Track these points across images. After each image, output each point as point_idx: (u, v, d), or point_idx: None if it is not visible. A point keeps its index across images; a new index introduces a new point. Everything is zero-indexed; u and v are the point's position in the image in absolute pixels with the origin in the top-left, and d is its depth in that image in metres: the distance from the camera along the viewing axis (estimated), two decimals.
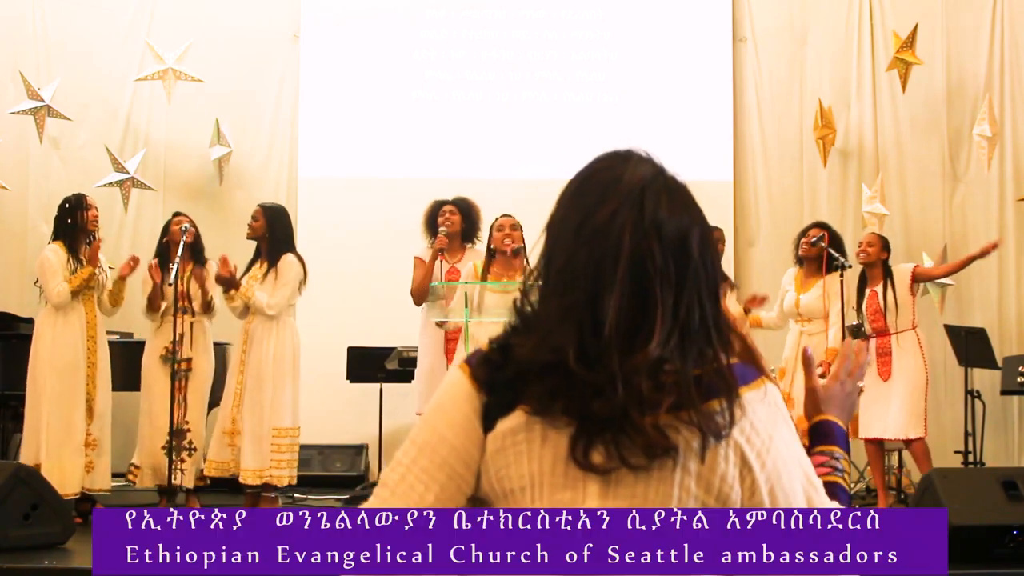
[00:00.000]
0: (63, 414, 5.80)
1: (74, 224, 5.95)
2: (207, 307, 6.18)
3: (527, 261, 5.66)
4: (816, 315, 6.27)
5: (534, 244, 1.42)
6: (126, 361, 6.28)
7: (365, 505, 1.41)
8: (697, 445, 1.30)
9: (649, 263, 1.31)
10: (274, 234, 6.08)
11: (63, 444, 5.77)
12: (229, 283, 5.94)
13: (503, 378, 1.35)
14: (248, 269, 6.14)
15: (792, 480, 1.37)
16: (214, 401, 6.33)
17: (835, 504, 1.44)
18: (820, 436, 1.56)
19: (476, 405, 1.37)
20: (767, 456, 1.35)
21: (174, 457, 5.92)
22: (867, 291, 6.35)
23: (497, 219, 5.92)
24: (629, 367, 1.29)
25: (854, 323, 6.24)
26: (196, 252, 6.20)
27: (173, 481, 5.94)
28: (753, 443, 1.34)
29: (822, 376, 1.70)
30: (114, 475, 6.18)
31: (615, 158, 1.41)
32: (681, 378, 1.30)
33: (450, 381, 1.41)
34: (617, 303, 1.30)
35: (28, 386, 5.86)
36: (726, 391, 1.32)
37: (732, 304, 6.40)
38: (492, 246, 5.86)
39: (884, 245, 6.42)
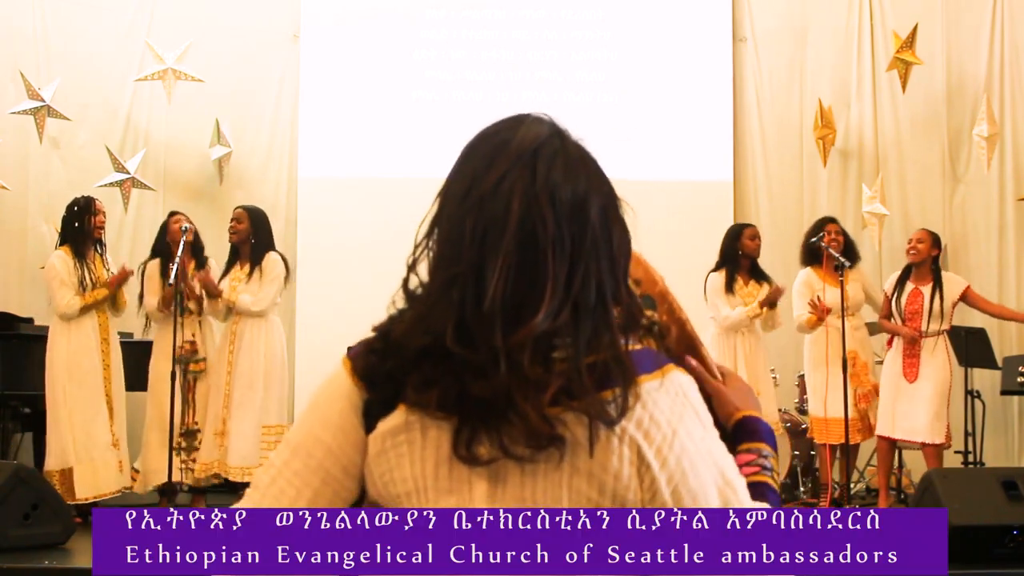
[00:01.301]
0: (87, 418, 5.84)
1: (81, 228, 5.96)
2: (199, 301, 6.20)
3: None
4: (856, 308, 6.27)
5: (424, 215, 1.29)
6: (127, 361, 6.28)
7: (236, 505, 1.34)
8: (585, 438, 1.17)
9: (540, 230, 1.18)
10: (259, 236, 6.16)
11: (92, 447, 5.84)
12: (212, 291, 6.07)
13: (383, 370, 1.24)
14: (226, 271, 6.17)
15: (702, 479, 1.23)
16: None
17: (760, 505, 1.32)
18: (745, 433, 1.40)
19: (356, 402, 1.27)
20: (669, 452, 1.21)
21: (184, 457, 5.97)
22: (908, 285, 6.28)
23: None
24: (513, 343, 1.15)
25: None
26: (196, 251, 6.22)
27: (182, 480, 5.97)
28: (652, 438, 1.20)
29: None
30: None
31: (509, 120, 1.32)
32: (571, 361, 1.16)
33: (330, 376, 1.31)
34: (502, 273, 1.17)
35: (47, 393, 5.89)
36: (622, 379, 1.18)
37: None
38: None
39: (935, 242, 6.33)
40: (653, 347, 1.31)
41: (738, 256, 6.44)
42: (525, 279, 1.18)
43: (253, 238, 6.13)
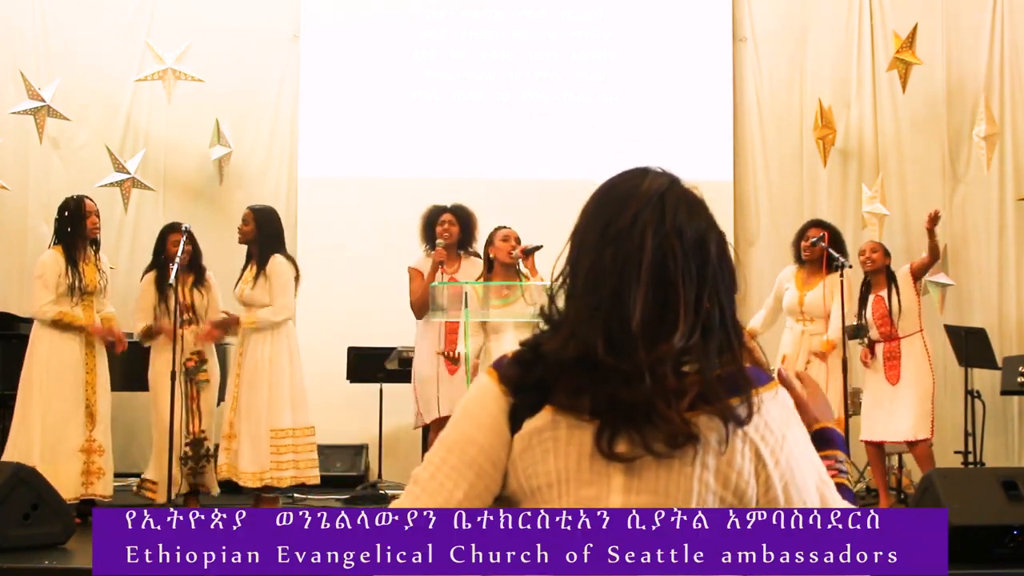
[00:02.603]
0: (58, 418, 5.75)
1: (73, 231, 5.90)
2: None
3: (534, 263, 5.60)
4: (819, 314, 6.25)
5: (559, 253, 1.48)
6: (125, 361, 6.27)
7: (396, 503, 1.46)
8: (716, 439, 1.37)
9: (671, 261, 1.39)
10: (263, 236, 6.06)
11: (58, 448, 5.73)
12: (230, 329, 6.06)
13: (530, 379, 1.41)
14: (242, 272, 6.14)
15: (805, 478, 1.43)
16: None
17: (846, 503, 1.49)
18: (822, 442, 1.60)
19: (503, 406, 1.42)
20: (780, 454, 1.41)
21: (192, 465, 5.96)
22: (871, 297, 6.35)
23: (498, 230, 5.75)
24: (655, 358, 1.35)
25: (855, 323, 6.24)
26: (195, 266, 6.15)
27: (201, 488, 5.97)
28: (767, 441, 1.40)
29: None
30: (116, 475, 6.18)
31: (633, 171, 1.49)
32: (704, 374, 1.37)
33: (478, 385, 1.47)
34: (643, 297, 1.37)
35: (21, 387, 5.80)
36: (744, 389, 1.39)
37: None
38: (492, 256, 5.70)
39: (885, 252, 6.47)
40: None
41: None
42: (660, 303, 1.38)
43: (259, 239, 6.08)
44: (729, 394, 1.37)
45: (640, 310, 1.37)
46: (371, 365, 7.19)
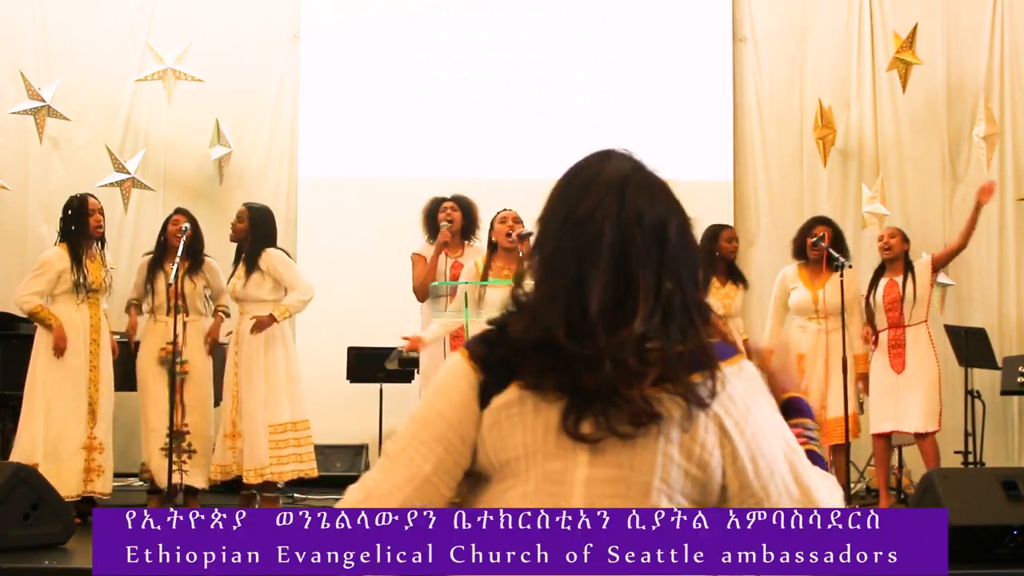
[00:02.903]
0: (62, 416, 5.78)
1: (77, 231, 5.95)
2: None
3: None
4: (835, 312, 6.22)
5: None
6: (122, 361, 6.27)
7: (368, 474, 1.49)
8: (680, 415, 1.39)
9: (631, 247, 1.42)
10: (255, 235, 6.07)
11: (62, 446, 5.76)
12: (268, 324, 5.98)
13: (498, 356, 1.45)
14: (234, 270, 6.16)
15: (772, 447, 1.45)
16: (215, 400, 6.35)
17: (816, 469, 1.51)
18: (791, 411, 1.64)
19: (473, 383, 1.46)
20: (746, 425, 1.43)
21: (175, 459, 5.92)
22: (883, 280, 6.33)
23: (499, 213, 5.86)
24: (615, 343, 1.38)
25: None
26: (194, 252, 6.18)
27: (175, 481, 5.94)
28: (732, 413, 1.43)
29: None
30: (116, 475, 6.18)
31: (597, 156, 1.53)
32: (665, 353, 1.39)
33: (449, 362, 1.51)
34: (602, 284, 1.40)
35: (26, 384, 5.84)
36: (707, 365, 1.42)
37: (738, 302, 6.39)
38: (494, 239, 5.79)
39: (904, 238, 6.45)
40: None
41: (714, 258, 6.44)
42: (620, 289, 1.41)
43: (251, 236, 6.09)
44: (691, 370, 1.40)
45: (599, 296, 1.39)
46: (371, 365, 7.18)
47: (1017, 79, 8.07)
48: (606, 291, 1.40)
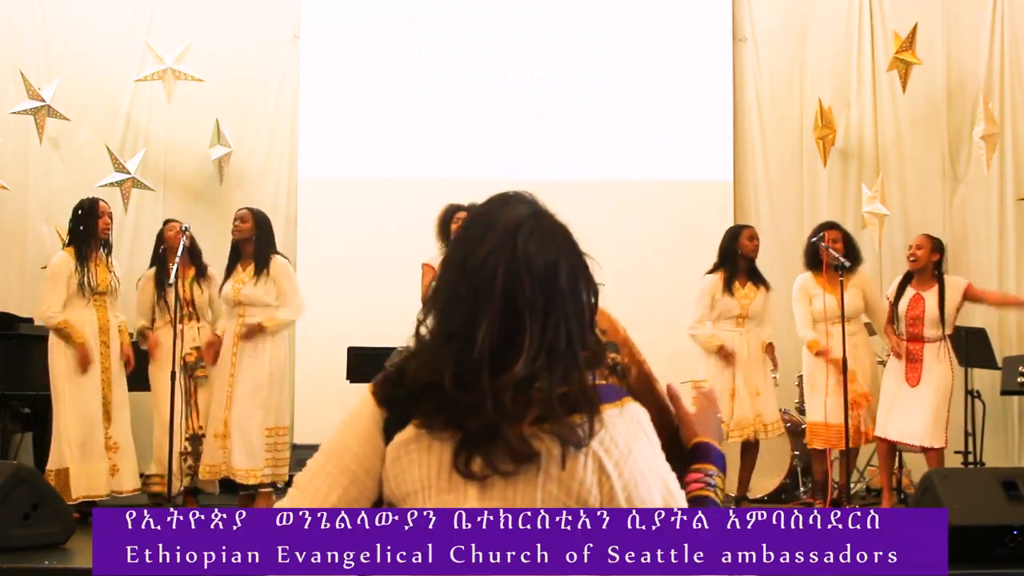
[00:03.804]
0: (84, 418, 5.84)
1: (86, 231, 5.98)
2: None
3: None
4: (855, 314, 6.21)
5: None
6: (136, 363, 6.27)
7: (279, 502, 1.54)
8: (558, 453, 1.43)
9: (519, 293, 1.46)
10: (261, 236, 6.15)
11: (88, 448, 5.83)
12: (257, 332, 6.03)
13: (398, 396, 1.52)
14: (230, 271, 6.17)
15: (650, 489, 1.48)
16: None
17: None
18: (697, 456, 1.67)
19: (377, 420, 1.53)
20: (624, 466, 1.46)
21: (192, 462, 5.99)
22: (910, 291, 6.21)
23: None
24: (498, 386, 1.44)
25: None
26: (194, 255, 6.19)
27: (187, 485, 5.99)
28: (611, 453, 1.46)
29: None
30: None
31: (497, 200, 1.58)
32: (546, 394, 1.44)
33: (359, 399, 1.58)
34: (489, 329, 1.45)
35: (53, 392, 5.88)
36: (587, 407, 1.45)
37: (758, 303, 6.36)
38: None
39: (935, 247, 6.25)
40: (617, 384, 1.61)
41: (736, 257, 6.44)
42: (508, 334, 1.46)
43: (256, 239, 6.13)
44: (571, 411, 1.44)
45: (487, 340, 1.45)
46: (371, 365, 7.11)
47: (1017, 79, 8.07)
48: (494, 335, 1.45)
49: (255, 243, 6.12)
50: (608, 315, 1.66)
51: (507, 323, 1.46)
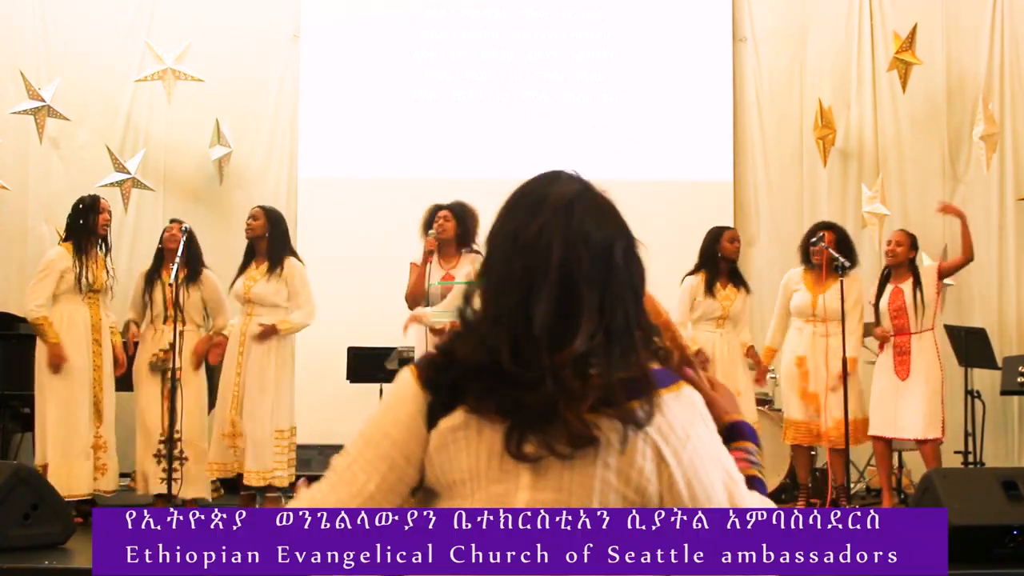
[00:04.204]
0: (69, 416, 5.82)
1: (85, 226, 5.98)
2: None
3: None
4: (834, 316, 6.22)
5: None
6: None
7: (316, 485, 1.51)
8: (617, 439, 1.40)
9: (576, 268, 1.43)
10: (275, 234, 6.14)
11: (70, 446, 5.80)
12: (271, 335, 6.04)
13: (446, 380, 1.46)
14: (243, 269, 6.16)
15: (710, 474, 1.45)
16: (210, 403, 6.35)
17: (755, 495, 1.51)
18: (734, 435, 1.64)
19: (420, 404, 1.47)
20: (683, 452, 1.44)
21: (166, 466, 5.96)
22: (889, 287, 6.33)
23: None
24: (557, 362, 1.39)
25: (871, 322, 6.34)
26: (192, 258, 6.18)
27: (171, 492, 5.97)
28: (670, 440, 1.43)
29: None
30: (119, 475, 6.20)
31: (545, 177, 1.53)
32: (606, 377, 1.41)
33: (399, 381, 1.53)
34: (547, 305, 1.41)
35: (36, 387, 5.88)
36: (646, 391, 1.42)
37: (738, 305, 6.40)
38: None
39: (912, 243, 6.41)
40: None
41: (717, 259, 6.45)
42: (565, 310, 1.42)
43: (270, 237, 6.13)
44: (630, 396, 1.41)
45: (544, 316, 1.41)
46: (371, 365, 7.18)
47: (1017, 79, 8.07)
48: (551, 310, 1.41)
49: (269, 241, 6.12)
50: (651, 297, 1.60)
51: (564, 299, 1.42)
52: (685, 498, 1.43)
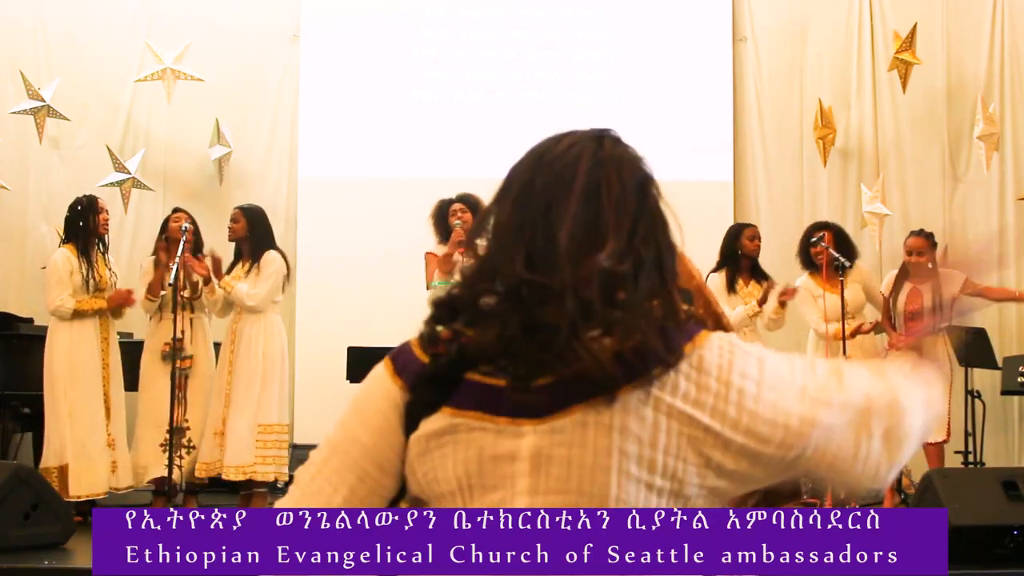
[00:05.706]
0: (86, 415, 5.84)
1: (85, 227, 5.98)
2: (194, 288, 6.12)
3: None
4: (859, 309, 6.27)
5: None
6: (126, 360, 6.28)
7: (280, 501, 1.38)
8: (636, 422, 1.22)
9: (604, 189, 1.28)
10: (255, 233, 6.17)
11: (90, 445, 5.83)
12: (217, 271, 6.05)
13: (431, 371, 1.29)
14: (230, 271, 6.19)
15: (776, 406, 1.26)
16: None
17: (860, 378, 1.33)
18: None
19: (397, 403, 1.31)
20: (727, 407, 1.24)
21: (173, 455, 5.93)
22: (907, 285, 6.30)
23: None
24: (581, 275, 1.21)
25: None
26: (196, 250, 6.21)
27: (175, 480, 5.94)
28: (704, 404, 1.24)
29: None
30: None
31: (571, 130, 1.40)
32: (632, 305, 1.23)
33: (371, 377, 1.36)
34: (570, 219, 1.25)
35: (46, 389, 5.88)
36: (672, 351, 1.24)
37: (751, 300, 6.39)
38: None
39: (932, 245, 6.37)
40: None
41: (738, 256, 6.44)
42: (587, 229, 1.24)
43: (250, 236, 6.14)
44: (650, 364, 1.22)
45: (566, 228, 1.24)
46: (371, 365, 7.06)
47: (1017, 79, 8.07)
48: (574, 227, 1.24)
49: (250, 240, 6.15)
50: (685, 257, 1.40)
51: (587, 218, 1.25)
52: (753, 446, 1.24)
